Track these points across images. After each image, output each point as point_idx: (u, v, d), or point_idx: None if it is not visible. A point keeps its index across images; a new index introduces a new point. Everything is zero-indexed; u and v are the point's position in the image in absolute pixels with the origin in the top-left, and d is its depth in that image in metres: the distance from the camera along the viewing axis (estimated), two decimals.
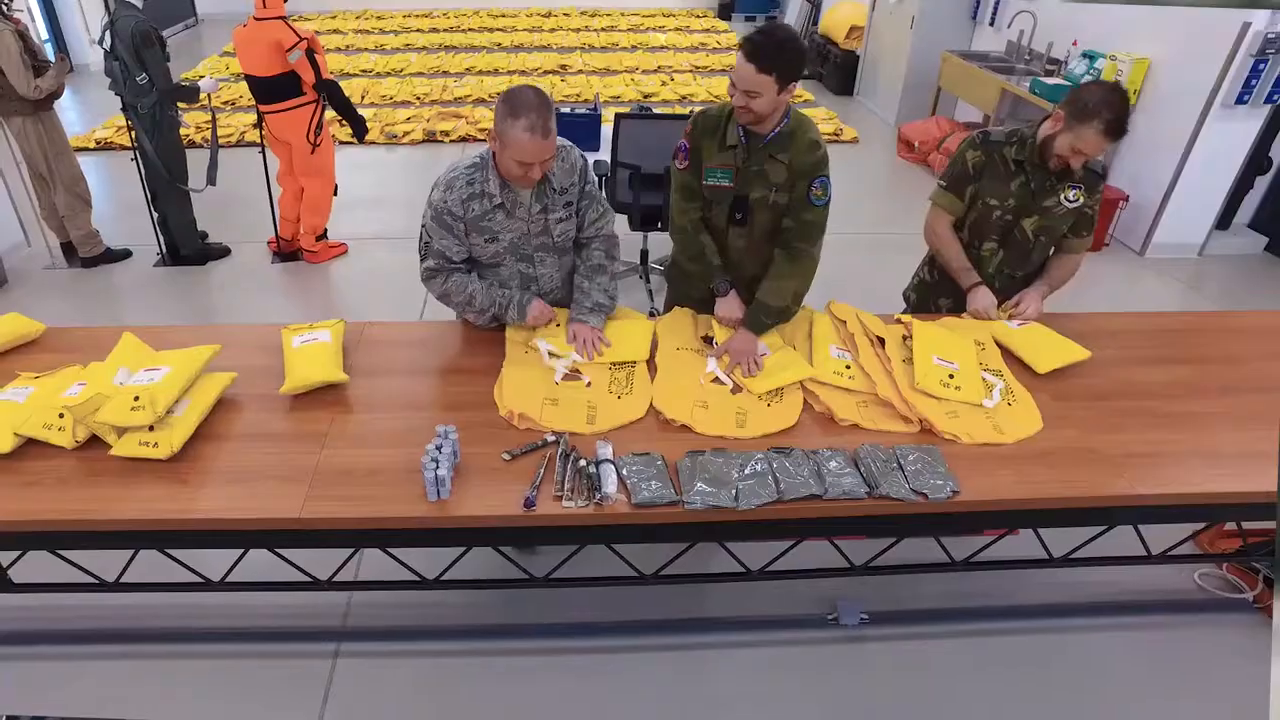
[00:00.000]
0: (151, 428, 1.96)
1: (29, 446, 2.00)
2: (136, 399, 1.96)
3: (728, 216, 2.53)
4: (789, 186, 2.46)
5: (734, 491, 1.88)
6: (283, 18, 4.45)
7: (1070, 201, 2.55)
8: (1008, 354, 2.48)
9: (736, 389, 2.27)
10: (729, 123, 2.42)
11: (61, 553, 2.09)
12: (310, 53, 4.49)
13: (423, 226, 2.39)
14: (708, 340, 2.49)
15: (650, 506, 1.86)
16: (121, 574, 2.21)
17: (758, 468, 1.94)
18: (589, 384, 2.28)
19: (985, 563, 2.36)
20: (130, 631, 2.56)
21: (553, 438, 2.06)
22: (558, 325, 2.47)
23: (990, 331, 2.56)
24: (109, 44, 4.45)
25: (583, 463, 1.97)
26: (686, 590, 2.69)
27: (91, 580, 2.24)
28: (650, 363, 2.40)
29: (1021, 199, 2.57)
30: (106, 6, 4.49)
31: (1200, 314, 2.93)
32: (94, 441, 2.01)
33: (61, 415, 2.00)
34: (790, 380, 2.30)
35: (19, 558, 2.17)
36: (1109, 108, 2.33)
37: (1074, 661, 2.58)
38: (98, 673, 2.47)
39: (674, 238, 2.68)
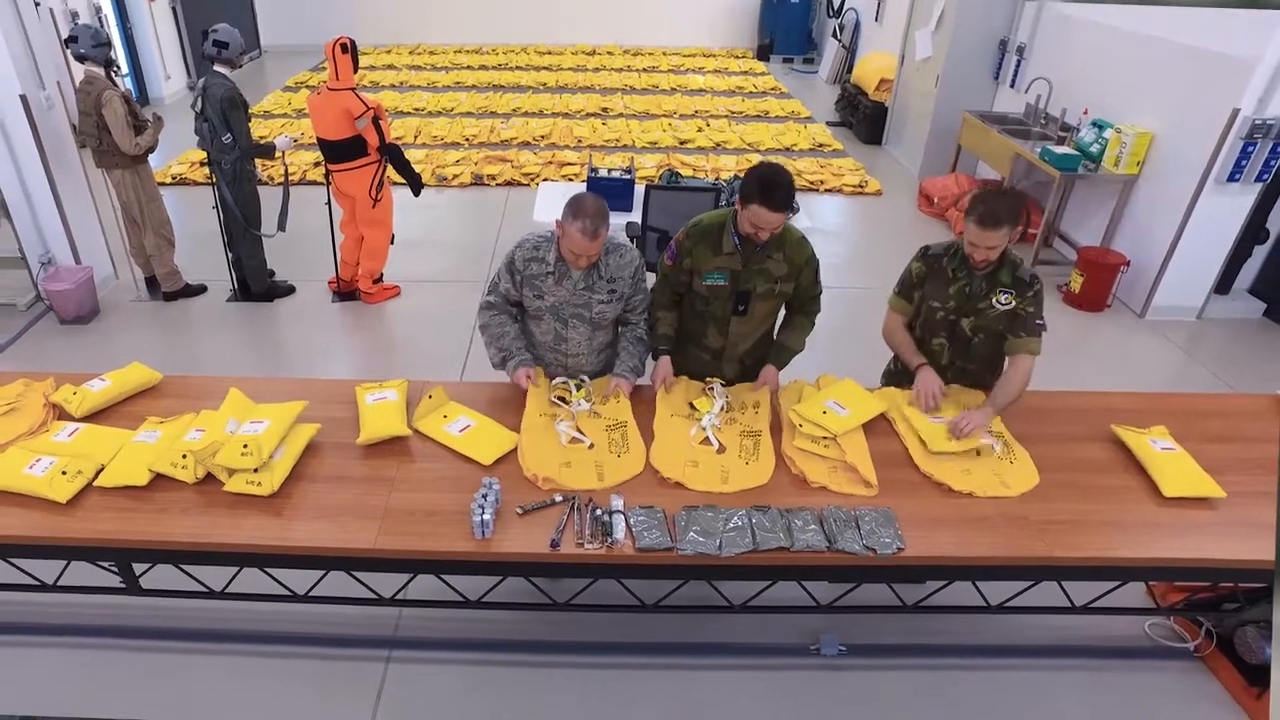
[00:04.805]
0: (256, 470, 2.46)
1: (159, 480, 2.52)
2: (245, 447, 2.47)
3: (730, 308, 2.99)
4: (792, 277, 2.96)
5: (718, 541, 2.33)
6: (353, 89, 5.01)
7: (1002, 304, 2.92)
8: (1139, 468, 2.75)
9: (721, 449, 2.72)
10: (723, 233, 2.89)
11: (182, 566, 2.60)
12: (375, 120, 5.05)
13: (497, 270, 2.96)
14: (693, 406, 2.93)
15: (651, 551, 2.31)
16: (227, 585, 2.72)
17: (739, 522, 2.39)
18: (591, 446, 2.73)
19: (931, 607, 2.77)
20: (226, 632, 3.09)
21: (560, 498, 2.51)
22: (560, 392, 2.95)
23: (1134, 446, 2.81)
24: (199, 106, 5.05)
25: (598, 512, 2.43)
26: (685, 617, 3.12)
27: (203, 589, 2.75)
28: (649, 427, 2.85)
29: (959, 301, 2.97)
30: (189, 73, 5.08)
31: (1143, 395, 3.28)
32: (209, 479, 2.52)
33: (185, 456, 2.51)
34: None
35: (149, 569, 2.69)
36: (983, 204, 2.73)
37: (1031, 699, 2.96)
38: (200, 665, 2.99)
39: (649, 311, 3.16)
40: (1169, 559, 2.42)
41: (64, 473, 2.47)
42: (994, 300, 2.92)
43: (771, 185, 2.66)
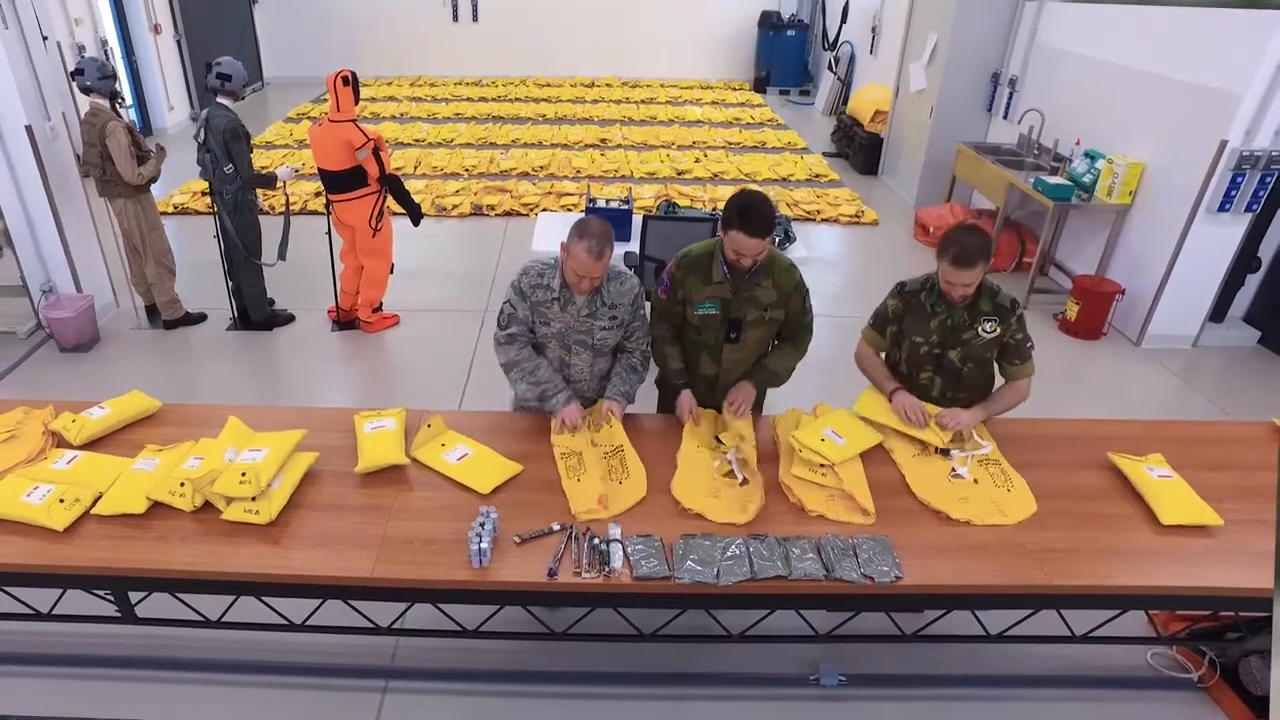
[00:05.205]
0: (254, 498, 2.46)
1: (156, 508, 2.51)
2: (244, 475, 2.47)
3: (723, 336, 3.02)
4: (782, 304, 2.99)
5: (716, 570, 2.33)
6: (353, 120, 5.07)
7: (987, 333, 2.94)
8: (1136, 496, 2.74)
9: (744, 481, 2.72)
10: (712, 262, 2.93)
11: (179, 595, 2.59)
12: (376, 151, 5.10)
13: (505, 301, 2.97)
14: (719, 440, 2.94)
15: (648, 579, 2.31)
16: (223, 615, 2.70)
17: (736, 551, 2.39)
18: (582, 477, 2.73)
19: (930, 636, 2.75)
20: (222, 662, 3.06)
21: (558, 526, 2.51)
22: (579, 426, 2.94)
23: (1131, 474, 2.79)
24: (202, 137, 5.11)
25: (595, 540, 2.43)
26: (684, 647, 3.10)
27: (199, 618, 2.74)
28: (646, 451, 2.85)
29: (943, 334, 2.98)
30: (192, 104, 5.14)
31: (1140, 422, 3.29)
32: (207, 507, 2.52)
33: (183, 484, 2.51)
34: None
35: (145, 597, 2.67)
36: (955, 244, 2.74)
37: None
38: (194, 695, 2.96)
39: (651, 349, 3.18)
40: (1168, 587, 2.41)
41: (61, 500, 2.47)
42: (979, 330, 2.94)
43: (749, 211, 2.71)
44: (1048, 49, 7.10)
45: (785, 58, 13.88)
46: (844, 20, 11.81)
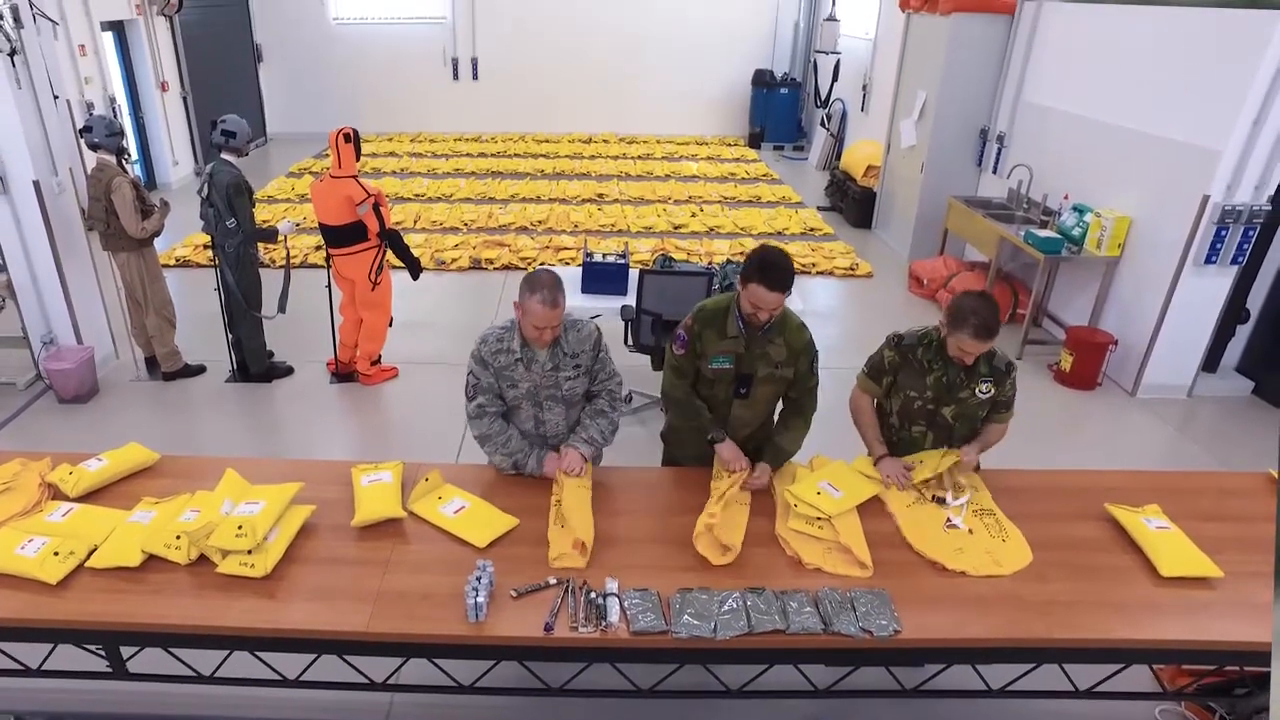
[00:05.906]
0: (250, 551, 2.45)
1: (152, 561, 2.50)
2: (240, 528, 2.47)
3: (732, 391, 3.04)
4: (791, 362, 3.01)
5: (713, 624, 2.31)
6: (354, 176, 5.16)
7: (983, 394, 2.98)
8: (1135, 547, 2.73)
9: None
10: (728, 316, 2.95)
11: (171, 650, 2.56)
12: (376, 206, 5.19)
13: (469, 372, 2.97)
14: None
15: (645, 634, 2.29)
16: (216, 669, 2.67)
17: (734, 605, 2.38)
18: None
19: (931, 691, 2.72)
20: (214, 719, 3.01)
21: (554, 580, 2.50)
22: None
23: (1129, 525, 2.79)
24: (206, 192, 5.20)
25: (592, 594, 2.42)
26: (682, 703, 3.05)
27: (191, 674, 2.70)
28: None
29: (939, 390, 3.00)
30: (196, 159, 5.23)
31: (1136, 473, 3.30)
32: (203, 560, 2.51)
33: (179, 537, 2.50)
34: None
35: (136, 652, 2.64)
36: (975, 314, 2.78)
37: None
38: None
39: (670, 407, 3.19)
40: (1171, 640, 2.39)
41: (56, 553, 2.45)
42: (975, 390, 2.98)
43: (770, 265, 2.76)
44: (1033, 106, 7.27)
45: (779, 115, 14.17)
46: (835, 79, 12.10)
